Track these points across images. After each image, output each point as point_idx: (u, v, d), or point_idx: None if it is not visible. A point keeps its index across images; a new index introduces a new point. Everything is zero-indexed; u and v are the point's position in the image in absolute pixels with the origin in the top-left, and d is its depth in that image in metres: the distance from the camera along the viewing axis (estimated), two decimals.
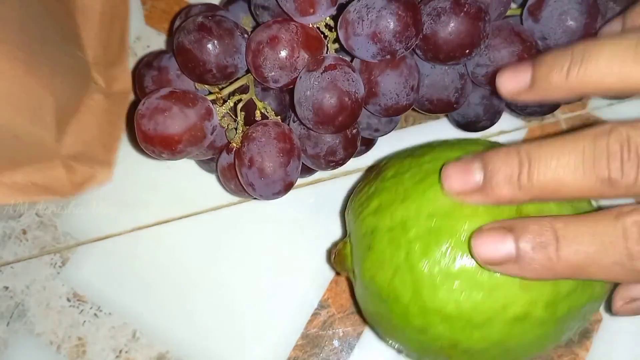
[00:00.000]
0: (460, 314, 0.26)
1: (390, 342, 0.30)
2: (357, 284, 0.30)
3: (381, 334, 0.30)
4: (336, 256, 0.31)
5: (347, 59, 0.31)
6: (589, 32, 0.29)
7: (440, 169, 0.27)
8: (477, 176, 0.25)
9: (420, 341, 0.27)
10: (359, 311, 0.34)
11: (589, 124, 0.36)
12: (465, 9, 0.28)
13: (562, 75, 0.24)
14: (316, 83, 0.28)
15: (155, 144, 0.28)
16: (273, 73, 0.29)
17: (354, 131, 0.32)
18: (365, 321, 0.34)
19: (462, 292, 0.26)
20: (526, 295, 0.26)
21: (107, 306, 0.35)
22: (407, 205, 0.27)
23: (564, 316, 0.27)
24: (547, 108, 0.33)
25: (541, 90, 0.25)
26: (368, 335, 0.35)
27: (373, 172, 0.31)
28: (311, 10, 0.28)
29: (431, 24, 0.29)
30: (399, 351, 0.31)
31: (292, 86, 0.29)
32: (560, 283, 0.26)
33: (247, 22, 0.33)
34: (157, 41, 0.39)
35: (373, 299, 0.28)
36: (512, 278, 0.25)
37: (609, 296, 0.29)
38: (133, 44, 0.39)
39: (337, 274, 0.35)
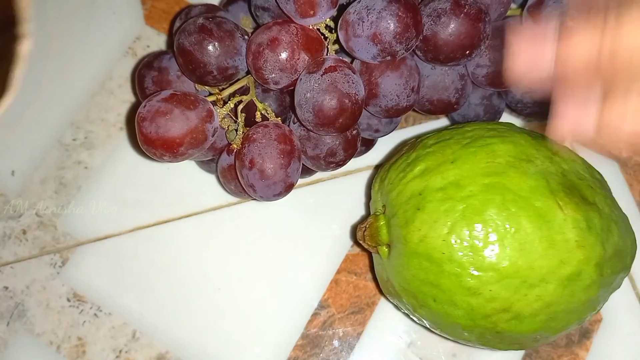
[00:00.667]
0: (517, 272, 0.26)
1: (423, 316, 0.30)
2: (396, 254, 0.29)
3: (415, 307, 0.30)
4: (367, 229, 0.31)
5: (348, 60, 0.31)
6: None
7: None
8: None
9: (471, 305, 0.27)
10: (380, 290, 0.34)
11: None
12: (465, 10, 0.28)
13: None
14: (316, 85, 0.28)
15: (157, 147, 0.28)
16: (273, 75, 0.29)
17: (354, 132, 0.32)
18: (388, 299, 0.33)
19: (520, 249, 0.26)
20: (580, 254, 0.27)
21: (107, 306, 0.35)
22: (459, 165, 0.28)
23: (608, 280, 0.28)
24: (547, 108, 0.33)
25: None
26: (368, 335, 0.35)
27: (404, 148, 0.31)
28: (311, 12, 0.28)
29: (431, 25, 0.29)
30: (431, 327, 0.31)
31: (292, 87, 0.29)
32: (605, 244, 0.27)
33: (246, 23, 0.33)
34: (157, 41, 0.39)
35: (420, 262, 0.28)
36: (570, 236, 0.26)
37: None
38: (133, 44, 0.39)
39: (363, 250, 0.35)
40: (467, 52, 0.29)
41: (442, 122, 0.38)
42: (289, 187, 0.31)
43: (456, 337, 0.30)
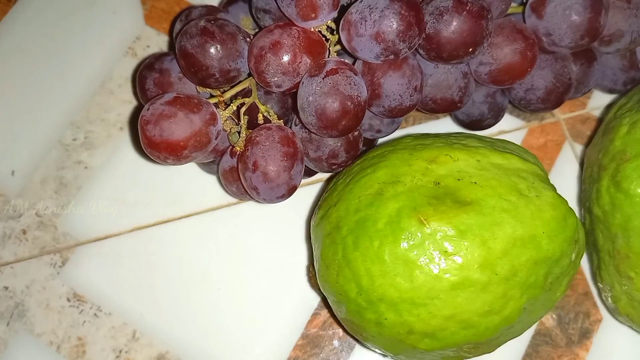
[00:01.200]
0: (402, 296, 0.27)
1: (372, 348, 0.31)
2: (327, 298, 0.31)
3: (361, 343, 0.31)
4: (311, 278, 0.32)
5: (350, 61, 0.31)
6: (593, 26, 0.30)
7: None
8: None
9: (382, 334, 0.28)
10: (345, 330, 0.34)
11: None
12: (467, 8, 0.28)
13: None
14: (318, 88, 0.28)
15: (160, 150, 0.28)
16: (276, 78, 0.29)
17: (356, 133, 0.32)
18: (354, 338, 0.34)
19: (397, 275, 0.26)
20: (455, 261, 0.26)
21: (107, 306, 0.35)
22: (339, 207, 0.29)
23: (510, 275, 0.27)
24: (550, 104, 0.33)
25: None
26: None
27: None
28: (313, 15, 0.28)
29: (434, 23, 0.29)
30: (385, 357, 0.32)
31: (295, 90, 0.29)
32: (490, 242, 0.26)
33: (247, 23, 0.33)
34: (157, 41, 0.39)
35: (334, 305, 0.29)
36: (439, 248, 0.26)
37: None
38: (133, 44, 0.39)
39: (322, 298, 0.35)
40: (470, 49, 0.29)
41: (443, 122, 0.38)
42: (292, 190, 0.31)
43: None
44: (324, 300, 0.35)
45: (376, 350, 0.30)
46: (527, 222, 0.27)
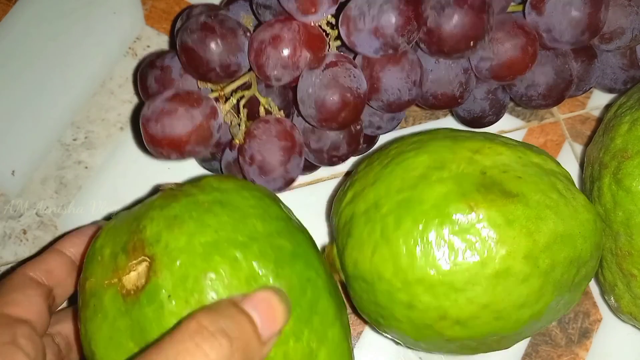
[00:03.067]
0: (442, 279, 0.27)
1: (385, 332, 0.30)
2: (347, 281, 0.30)
3: (376, 325, 0.31)
4: (326, 259, 0.32)
5: (350, 56, 0.31)
6: (593, 22, 0.30)
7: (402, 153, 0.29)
8: None
9: (410, 318, 0.28)
10: (358, 315, 0.34)
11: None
12: (469, 2, 0.28)
13: None
14: (318, 80, 0.28)
15: (163, 146, 0.28)
16: (276, 72, 0.29)
17: (358, 127, 0.32)
18: (367, 323, 0.34)
19: (440, 257, 0.26)
20: (502, 250, 0.26)
21: None
22: (377, 186, 0.29)
23: (549, 270, 0.27)
24: (552, 100, 0.33)
25: None
26: (368, 335, 0.35)
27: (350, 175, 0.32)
28: (313, 10, 0.28)
29: (435, 17, 0.29)
30: (398, 343, 0.32)
31: (294, 84, 0.30)
32: (535, 234, 0.27)
33: (247, 21, 0.33)
34: (157, 41, 0.39)
35: (360, 285, 0.29)
36: (485, 235, 0.26)
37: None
38: (133, 44, 0.39)
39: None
40: (472, 43, 0.29)
41: (443, 122, 0.38)
42: (289, 182, 0.31)
43: (420, 348, 0.30)
44: (342, 285, 0.35)
45: (391, 335, 0.30)
46: (566, 221, 0.28)
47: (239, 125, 0.31)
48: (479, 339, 0.28)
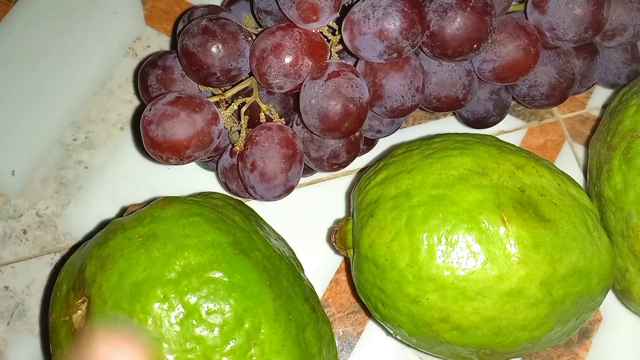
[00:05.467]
0: (455, 283, 0.27)
1: (378, 319, 0.30)
2: (355, 257, 0.30)
3: (371, 309, 0.31)
4: (337, 232, 0.31)
5: (351, 62, 0.31)
6: (596, 18, 0.30)
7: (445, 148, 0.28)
8: None
9: (411, 313, 0.28)
10: (354, 292, 0.34)
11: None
12: (471, 4, 0.28)
13: None
14: (320, 91, 0.28)
15: (163, 150, 0.28)
16: (277, 80, 0.29)
17: (357, 134, 0.32)
18: (359, 301, 0.34)
19: (459, 261, 0.26)
20: (522, 270, 0.26)
21: None
22: (413, 176, 0.28)
23: (559, 301, 0.27)
24: (555, 100, 0.33)
25: None
26: (368, 335, 0.35)
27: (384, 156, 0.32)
28: (314, 17, 0.28)
29: (438, 20, 0.29)
30: (388, 333, 0.32)
31: (296, 91, 0.30)
32: (556, 263, 0.27)
33: (249, 22, 0.33)
34: (157, 41, 0.39)
35: (370, 267, 0.29)
36: (510, 251, 0.26)
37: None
38: (133, 44, 0.39)
39: (336, 252, 0.35)
40: (475, 45, 0.29)
41: (443, 122, 0.38)
42: (289, 190, 0.31)
43: (409, 342, 0.30)
44: (346, 261, 0.35)
45: (385, 324, 0.30)
46: (588, 258, 0.28)
47: (239, 131, 0.31)
48: (472, 348, 0.28)
